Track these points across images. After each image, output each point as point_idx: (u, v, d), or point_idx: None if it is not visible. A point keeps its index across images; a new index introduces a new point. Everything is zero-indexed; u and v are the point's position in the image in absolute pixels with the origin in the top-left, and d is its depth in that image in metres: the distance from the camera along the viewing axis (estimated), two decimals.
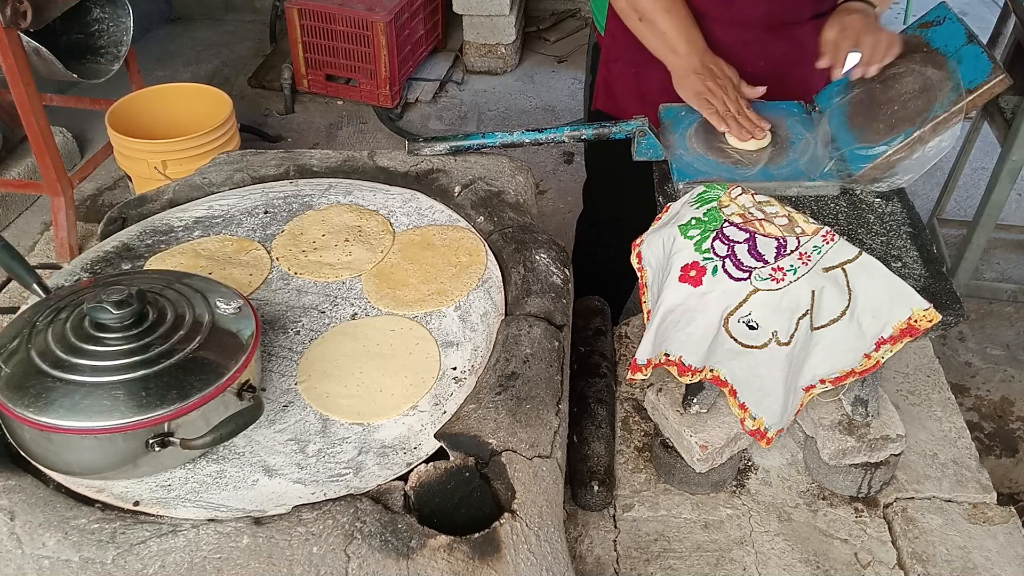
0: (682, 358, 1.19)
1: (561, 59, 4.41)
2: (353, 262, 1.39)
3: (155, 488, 1.03)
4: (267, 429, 1.11)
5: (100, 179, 3.38)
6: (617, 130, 1.55)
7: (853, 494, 1.34)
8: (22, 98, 2.69)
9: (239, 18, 4.70)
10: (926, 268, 1.27)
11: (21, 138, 3.16)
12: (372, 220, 1.48)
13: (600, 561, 1.27)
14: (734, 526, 1.31)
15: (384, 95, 3.81)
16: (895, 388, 1.52)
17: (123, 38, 3.11)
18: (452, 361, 1.22)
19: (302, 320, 1.28)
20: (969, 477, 1.37)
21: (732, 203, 1.19)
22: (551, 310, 1.27)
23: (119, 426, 0.96)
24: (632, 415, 1.49)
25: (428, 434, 1.10)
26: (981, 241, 2.68)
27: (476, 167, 1.58)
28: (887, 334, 1.13)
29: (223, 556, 0.93)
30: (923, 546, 1.27)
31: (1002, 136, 2.58)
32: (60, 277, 1.34)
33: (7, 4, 2.49)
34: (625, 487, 1.37)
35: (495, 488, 1.02)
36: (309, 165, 1.63)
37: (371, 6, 3.68)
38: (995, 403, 2.52)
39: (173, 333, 1.04)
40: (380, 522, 0.95)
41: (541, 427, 1.09)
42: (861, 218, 1.37)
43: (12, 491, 0.99)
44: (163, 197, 1.55)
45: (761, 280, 1.11)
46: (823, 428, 1.31)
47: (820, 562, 1.26)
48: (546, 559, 0.98)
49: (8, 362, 1.00)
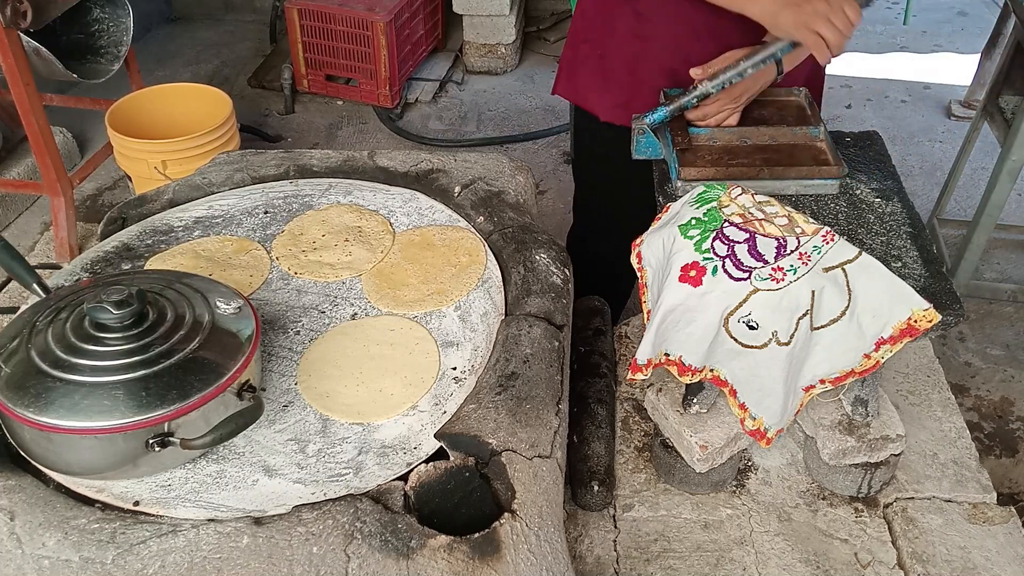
0: (682, 358, 1.19)
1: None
2: (353, 262, 1.39)
3: (155, 488, 1.03)
4: (267, 429, 1.11)
5: (100, 179, 3.38)
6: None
7: (853, 494, 1.34)
8: (22, 98, 2.69)
9: (239, 18, 4.70)
10: (926, 268, 1.27)
11: (21, 138, 3.16)
12: (372, 220, 1.48)
13: (600, 561, 1.27)
14: (734, 526, 1.31)
15: (384, 95, 3.81)
16: (895, 388, 1.52)
17: (123, 38, 3.11)
18: (452, 361, 1.22)
19: (302, 320, 1.28)
20: (969, 477, 1.37)
21: (732, 203, 1.19)
22: (551, 310, 1.27)
23: (119, 426, 0.96)
24: (632, 415, 1.49)
25: (428, 434, 1.10)
26: (981, 241, 2.67)
27: (476, 167, 1.58)
28: (887, 334, 1.13)
29: (223, 556, 0.93)
30: (923, 546, 1.27)
31: (1002, 136, 2.58)
32: (60, 277, 1.34)
33: (7, 4, 2.49)
34: (625, 487, 1.37)
35: (495, 488, 1.02)
36: (309, 165, 1.63)
37: (371, 6, 3.68)
38: (995, 403, 2.52)
39: (173, 333, 1.04)
40: (380, 522, 0.95)
41: (541, 427, 1.09)
42: (861, 218, 1.37)
43: (12, 491, 0.99)
44: (163, 197, 1.55)
45: (761, 280, 1.11)
46: (823, 428, 1.31)
47: (820, 562, 1.26)
48: (546, 559, 0.98)
49: (8, 362, 1.00)
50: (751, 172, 1.44)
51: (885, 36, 4.69)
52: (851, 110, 4.08)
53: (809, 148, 1.52)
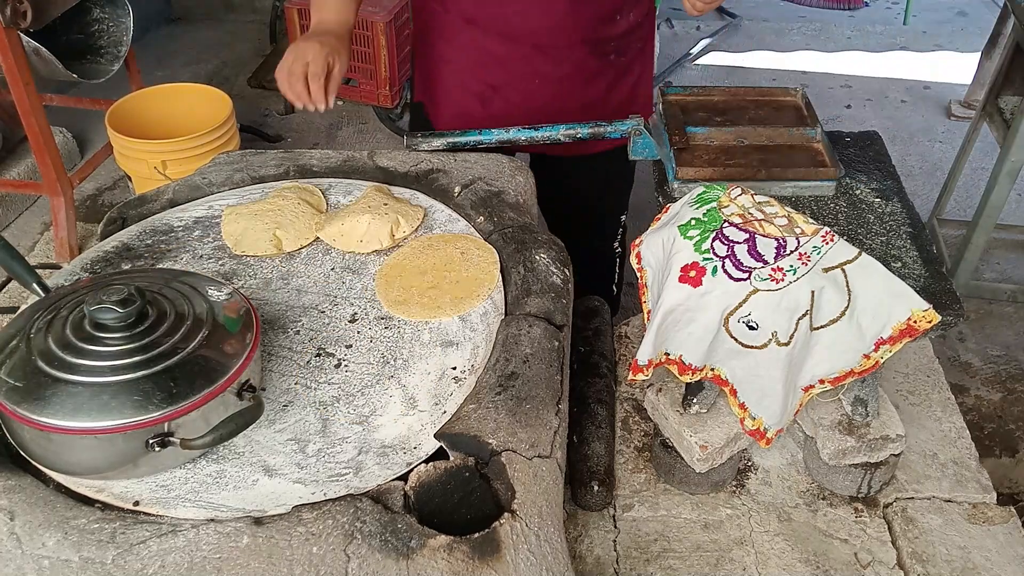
0: (682, 357, 1.19)
1: None
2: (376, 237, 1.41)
3: (155, 488, 1.03)
4: (267, 429, 1.11)
5: (100, 179, 3.38)
6: (613, 129, 1.55)
7: (853, 494, 1.34)
8: (22, 98, 2.69)
9: (239, 18, 4.70)
10: (926, 268, 1.27)
11: (21, 138, 3.16)
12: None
13: (600, 561, 1.27)
14: (734, 526, 1.31)
15: (384, 95, 3.81)
16: (895, 388, 1.52)
17: (123, 38, 3.11)
18: (452, 361, 1.22)
19: (302, 320, 1.28)
20: (969, 477, 1.37)
21: (732, 203, 1.19)
22: (551, 310, 1.27)
23: (119, 426, 0.96)
24: (632, 415, 1.49)
25: (428, 434, 1.10)
26: (981, 241, 2.68)
27: (476, 167, 1.58)
28: (886, 334, 1.13)
29: (223, 556, 0.93)
30: (923, 546, 1.27)
31: (1001, 136, 2.58)
32: (60, 277, 1.34)
33: (7, 4, 2.49)
34: (625, 487, 1.37)
35: (495, 488, 1.02)
36: (309, 165, 1.63)
37: (371, 6, 3.68)
38: (995, 403, 2.52)
39: (173, 333, 1.04)
40: (380, 522, 0.95)
41: (541, 427, 1.09)
42: (861, 218, 1.37)
43: (12, 491, 0.99)
44: (163, 197, 1.55)
45: (761, 280, 1.11)
46: (823, 428, 1.31)
47: (820, 562, 1.26)
48: (546, 559, 0.98)
49: (8, 362, 1.00)
50: (748, 173, 1.45)
51: (885, 36, 4.69)
52: (851, 110, 4.08)
53: (806, 149, 1.52)
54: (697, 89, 1.72)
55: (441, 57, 1.74)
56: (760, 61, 4.48)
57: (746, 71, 4.39)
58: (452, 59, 1.72)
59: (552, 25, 1.62)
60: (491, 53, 1.66)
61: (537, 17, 1.60)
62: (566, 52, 1.66)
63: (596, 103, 1.73)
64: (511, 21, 1.62)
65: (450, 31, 1.69)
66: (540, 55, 1.65)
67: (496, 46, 1.65)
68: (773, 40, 4.69)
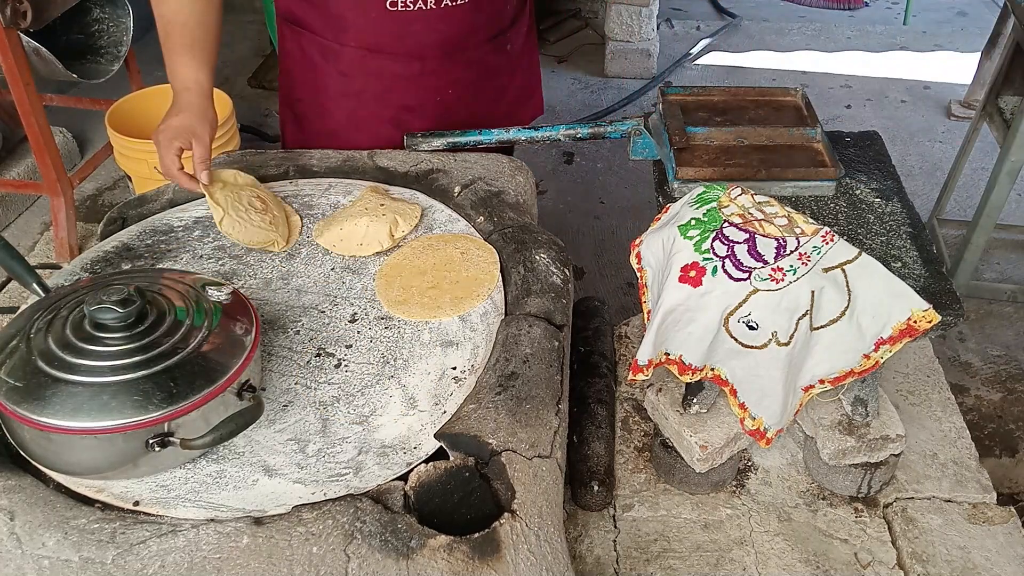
0: (682, 357, 1.19)
1: (561, 59, 4.41)
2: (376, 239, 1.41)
3: (155, 488, 1.03)
4: (267, 429, 1.11)
5: (100, 179, 3.38)
6: (612, 129, 1.55)
7: (853, 494, 1.34)
8: (22, 98, 2.69)
9: (239, 18, 4.69)
10: (926, 268, 1.27)
11: (21, 138, 3.16)
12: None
13: (600, 561, 1.27)
14: (734, 526, 1.31)
15: None
16: (895, 388, 1.52)
17: (123, 38, 3.11)
18: (452, 361, 1.22)
19: (302, 320, 1.28)
20: (969, 477, 1.37)
21: (732, 203, 1.20)
22: (551, 310, 1.27)
23: (119, 426, 0.96)
24: (632, 415, 1.49)
25: (428, 434, 1.10)
26: (980, 241, 2.68)
27: (476, 167, 1.58)
28: (886, 334, 1.13)
29: (223, 556, 0.93)
30: (923, 546, 1.27)
31: (1001, 136, 2.58)
32: (60, 277, 1.34)
33: (7, 4, 2.49)
34: (625, 487, 1.37)
35: (495, 488, 1.02)
36: (309, 165, 1.63)
37: None
38: (995, 403, 2.52)
39: (173, 333, 1.04)
40: (380, 522, 0.95)
41: (541, 427, 1.09)
42: (861, 218, 1.37)
43: (12, 491, 0.99)
44: (163, 197, 1.55)
45: (761, 280, 1.11)
46: (823, 428, 1.31)
47: (820, 562, 1.26)
48: (546, 559, 0.98)
49: (8, 362, 1.00)
50: (748, 173, 1.45)
51: (885, 36, 4.69)
52: (851, 110, 4.08)
53: (806, 149, 1.52)
54: (697, 89, 1.72)
55: (342, 92, 1.69)
56: (760, 61, 4.48)
57: (746, 71, 4.39)
58: (359, 90, 1.68)
59: (459, 32, 1.62)
60: (400, 75, 1.64)
61: (443, 29, 1.60)
62: (475, 54, 1.68)
63: (502, 95, 1.78)
64: (419, 38, 1.60)
65: (347, 64, 1.65)
66: (451, 63, 1.65)
67: (406, 67, 1.63)
68: (773, 40, 4.69)
